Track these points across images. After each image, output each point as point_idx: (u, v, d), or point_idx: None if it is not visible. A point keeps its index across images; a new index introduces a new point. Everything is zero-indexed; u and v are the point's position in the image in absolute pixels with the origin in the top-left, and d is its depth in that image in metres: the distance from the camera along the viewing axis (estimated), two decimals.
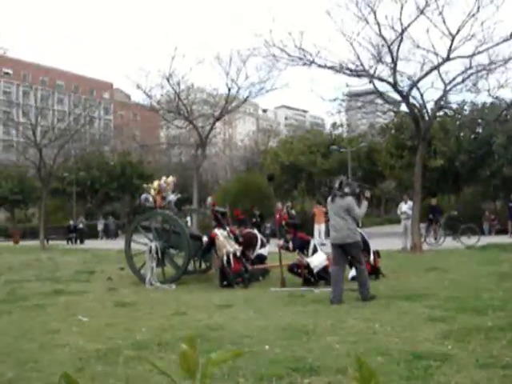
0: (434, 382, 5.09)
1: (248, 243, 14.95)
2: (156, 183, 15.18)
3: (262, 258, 15.13)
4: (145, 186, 15.86)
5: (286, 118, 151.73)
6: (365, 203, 10.77)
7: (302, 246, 13.27)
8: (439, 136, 39.69)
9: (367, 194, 10.99)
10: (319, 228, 27.68)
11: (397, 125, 43.88)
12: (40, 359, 6.50)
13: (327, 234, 29.41)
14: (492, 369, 5.34)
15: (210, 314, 9.21)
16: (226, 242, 13.44)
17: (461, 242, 23.14)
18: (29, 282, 15.10)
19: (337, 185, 10.80)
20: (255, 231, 16.40)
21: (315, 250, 13.25)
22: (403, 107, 24.75)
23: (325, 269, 12.91)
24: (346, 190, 10.65)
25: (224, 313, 9.27)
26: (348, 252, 10.63)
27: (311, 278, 12.86)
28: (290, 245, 13.56)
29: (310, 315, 8.62)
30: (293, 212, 29.24)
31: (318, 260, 12.98)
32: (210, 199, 16.91)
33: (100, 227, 51.59)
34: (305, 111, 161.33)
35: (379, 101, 24.66)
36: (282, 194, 47.75)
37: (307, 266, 12.90)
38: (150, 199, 14.92)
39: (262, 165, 54.71)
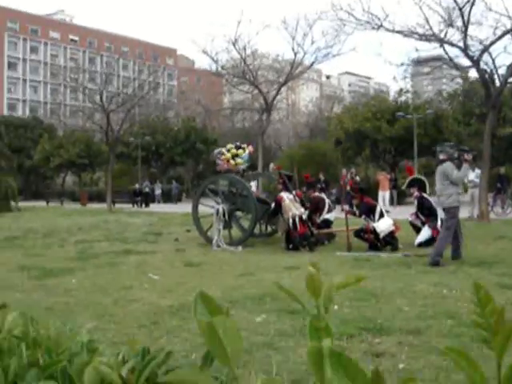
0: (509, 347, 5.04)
1: (316, 207, 15.00)
2: (230, 154, 15.19)
3: (328, 223, 15.15)
4: (219, 150, 15.86)
5: (349, 85, 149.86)
6: (465, 166, 10.82)
7: (369, 211, 13.25)
8: (509, 103, 38.57)
9: (467, 156, 10.90)
10: (383, 195, 27.47)
11: (465, 91, 42.81)
12: (116, 313, 6.73)
13: (391, 201, 29.27)
14: None
15: (278, 275, 9.33)
16: (292, 205, 13.49)
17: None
18: (98, 242, 15.50)
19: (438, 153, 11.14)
20: (323, 195, 16.41)
21: (382, 215, 13.21)
22: (472, 73, 24.18)
23: (391, 234, 12.89)
24: (441, 156, 10.82)
25: (292, 274, 9.35)
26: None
27: (378, 243, 12.83)
28: (356, 210, 13.60)
29: (378, 279, 8.62)
30: (357, 178, 29.09)
31: (384, 225, 12.94)
32: (272, 165, 17.00)
33: (158, 191, 51.82)
34: (369, 78, 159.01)
35: (446, 67, 24.13)
36: (346, 161, 47.40)
37: (373, 231, 12.87)
38: (220, 162, 15.07)
39: (326, 131, 54.33)
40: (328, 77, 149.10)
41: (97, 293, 8.08)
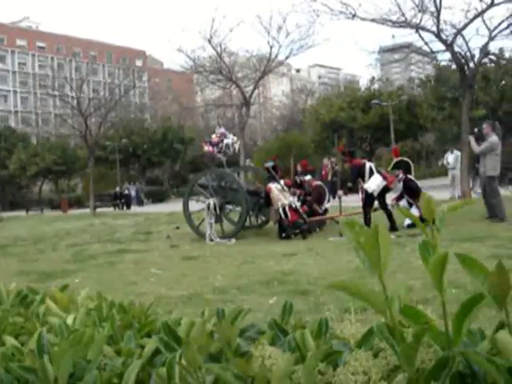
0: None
1: (318, 196, 15.17)
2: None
3: (325, 211, 15.36)
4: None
5: (319, 77, 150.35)
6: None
7: (360, 173, 13.50)
8: (481, 85, 39.13)
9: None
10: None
11: (436, 77, 43.32)
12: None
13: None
14: None
15: (278, 261, 9.54)
16: (281, 195, 13.70)
17: (509, 190, 23.05)
18: (90, 245, 15.57)
19: None
20: (323, 184, 16.44)
21: (371, 173, 13.42)
22: (442, 58, 24.53)
23: (384, 190, 13.28)
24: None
25: (291, 260, 9.58)
26: None
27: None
28: (349, 183, 13.91)
29: None
30: (337, 168, 29.29)
31: (374, 184, 13.18)
32: (248, 161, 17.18)
33: (133, 193, 50.58)
34: (338, 69, 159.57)
35: (415, 54, 24.51)
36: (322, 152, 47.73)
37: (366, 193, 13.20)
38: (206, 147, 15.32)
39: (301, 123, 54.62)
40: (298, 70, 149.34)
41: (105, 289, 8.18)
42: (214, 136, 15.56)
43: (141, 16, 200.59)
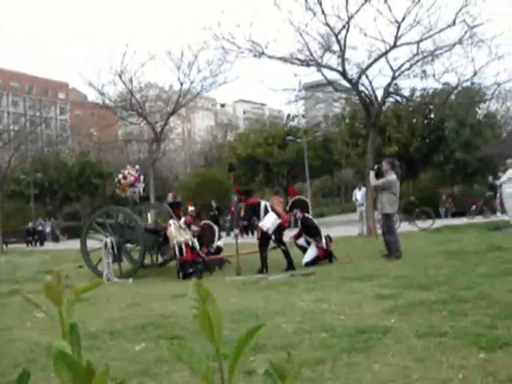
0: (374, 353, 5.29)
1: (207, 235, 15.08)
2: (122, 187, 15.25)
3: (219, 250, 15.30)
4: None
5: (244, 112, 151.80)
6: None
7: (254, 212, 13.44)
8: (392, 123, 40.25)
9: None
10: None
11: (350, 113, 44.32)
12: None
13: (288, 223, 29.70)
14: (430, 337, 5.58)
15: (164, 304, 9.36)
16: (178, 232, 13.54)
17: (416, 225, 23.59)
18: None
19: None
20: (211, 223, 16.53)
21: (266, 211, 13.39)
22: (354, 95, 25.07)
23: (279, 229, 13.24)
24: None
25: (177, 302, 9.41)
26: None
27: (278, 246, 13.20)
28: (244, 222, 13.84)
29: (262, 299, 8.81)
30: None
31: (269, 221, 13.17)
32: (170, 196, 17.07)
33: (48, 229, 49.88)
34: (263, 104, 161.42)
35: (332, 90, 24.93)
36: (241, 187, 47.96)
37: (262, 232, 13.14)
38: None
39: (219, 159, 54.83)
40: (223, 105, 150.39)
41: None
42: (124, 175, 15.32)
43: (66, 47, 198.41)
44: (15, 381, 1.59)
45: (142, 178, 15.71)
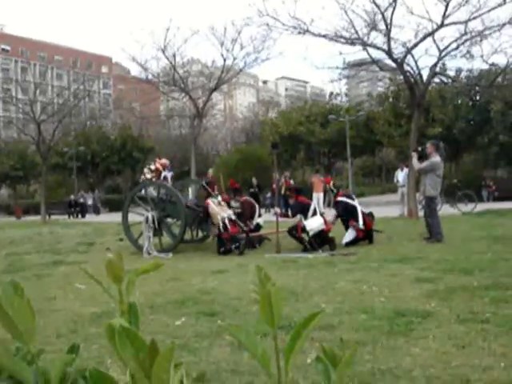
0: (413, 336, 5.26)
1: (247, 211, 15.11)
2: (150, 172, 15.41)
3: (258, 227, 15.31)
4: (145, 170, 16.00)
5: (286, 90, 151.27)
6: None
7: (302, 211, 13.41)
8: (437, 104, 39.70)
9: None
10: (317, 196, 27.74)
11: (394, 93, 43.85)
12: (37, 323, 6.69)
13: (328, 203, 29.64)
14: (471, 323, 5.52)
15: (204, 279, 9.41)
16: (219, 209, 13.64)
17: (458, 208, 23.32)
18: (29, 255, 15.29)
19: None
20: (251, 199, 16.55)
21: (315, 213, 13.39)
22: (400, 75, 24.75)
23: (324, 233, 13.08)
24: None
25: (217, 277, 9.46)
26: None
27: (307, 243, 13.00)
28: (289, 212, 13.78)
29: (301, 278, 8.82)
30: (291, 182, 29.36)
31: (314, 223, 13.11)
32: (210, 171, 17.14)
33: (89, 202, 50.13)
34: (306, 82, 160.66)
35: (376, 69, 24.66)
36: (282, 165, 47.92)
37: (304, 229, 13.06)
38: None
39: (261, 136, 54.78)
40: (265, 82, 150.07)
41: None
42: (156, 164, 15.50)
43: (110, 21, 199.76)
44: (66, 352, 1.62)
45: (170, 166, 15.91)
